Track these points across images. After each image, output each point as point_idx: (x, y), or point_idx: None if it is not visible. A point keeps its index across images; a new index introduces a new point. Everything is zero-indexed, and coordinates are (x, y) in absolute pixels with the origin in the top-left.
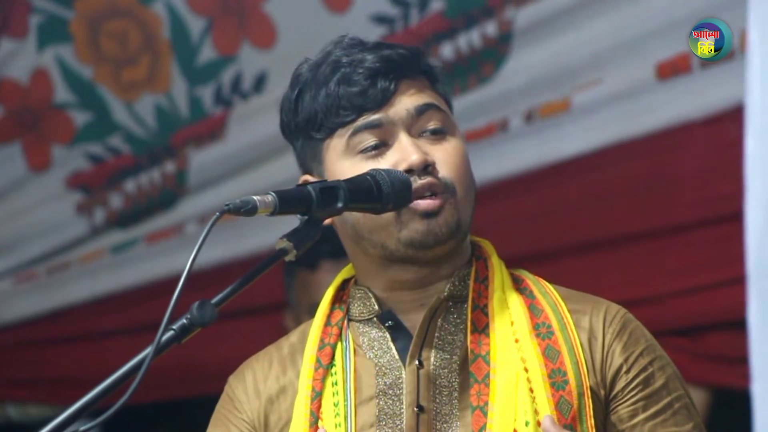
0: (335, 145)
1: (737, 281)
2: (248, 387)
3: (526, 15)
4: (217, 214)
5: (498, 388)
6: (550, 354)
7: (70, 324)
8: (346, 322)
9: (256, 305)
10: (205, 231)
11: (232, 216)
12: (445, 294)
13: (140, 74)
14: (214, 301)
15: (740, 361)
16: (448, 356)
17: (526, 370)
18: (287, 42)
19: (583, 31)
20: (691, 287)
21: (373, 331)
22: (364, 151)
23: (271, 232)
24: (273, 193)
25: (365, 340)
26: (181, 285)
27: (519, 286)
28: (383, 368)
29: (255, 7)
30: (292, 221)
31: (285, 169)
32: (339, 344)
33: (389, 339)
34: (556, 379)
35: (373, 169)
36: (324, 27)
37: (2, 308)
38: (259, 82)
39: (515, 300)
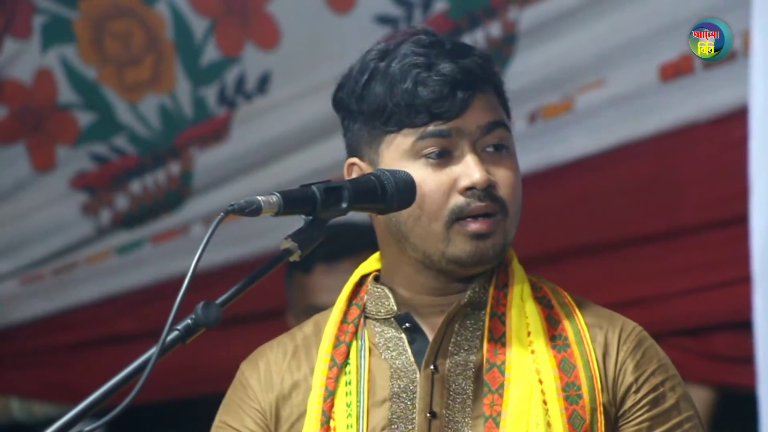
0: (399, 143)
1: (743, 281)
2: (261, 376)
3: (529, 16)
4: (222, 214)
5: (512, 399)
6: (565, 367)
7: (77, 325)
8: (362, 319)
9: (263, 309)
10: (210, 231)
11: (237, 216)
12: (465, 300)
13: (144, 75)
14: (218, 301)
15: (745, 360)
16: (464, 363)
17: (541, 382)
18: (291, 42)
19: (586, 33)
20: (697, 287)
21: (390, 332)
22: (427, 156)
23: (278, 233)
24: (277, 194)
25: (381, 339)
26: (186, 285)
27: (537, 294)
28: (398, 371)
29: (258, 7)
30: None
31: (290, 170)
32: (354, 342)
33: (406, 341)
34: (570, 393)
35: (378, 170)
36: (327, 27)
37: (9, 309)
38: (263, 83)
39: (533, 310)
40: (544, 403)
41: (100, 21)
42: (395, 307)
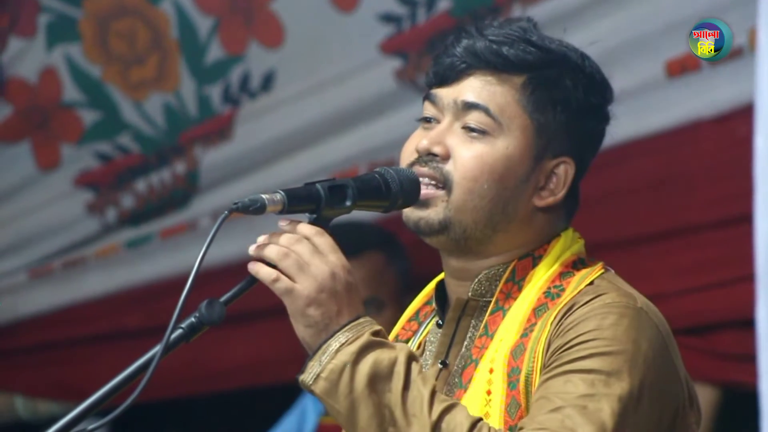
0: None
1: (747, 279)
2: None
3: (534, 14)
4: (226, 212)
5: (465, 395)
6: (516, 352)
7: (83, 320)
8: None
9: (266, 308)
10: (214, 229)
11: (241, 215)
12: (470, 294)
13: (148, 73)
14: (222, 299)
15: (749, 358)
16: (466, 357)
17: (491, 371)
18: (294, 41)
19: (592, 30)
20: (701, 285)
21: (436, 327)
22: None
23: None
24: (281, 192)
25: (432, 333)
26: (190, 283)
27: (559, 282)
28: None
29: (262, 6)
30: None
31: (295, 168)
32: (410, 341)
33: (440, 334)
34: (512, 379)
35: (383, 167)
36: (331, 26)
37: (16, 303)
38: (267, 81)
39: (531, 300)
40: (488, 393)
41: (105, 20)
42: (434, 303)
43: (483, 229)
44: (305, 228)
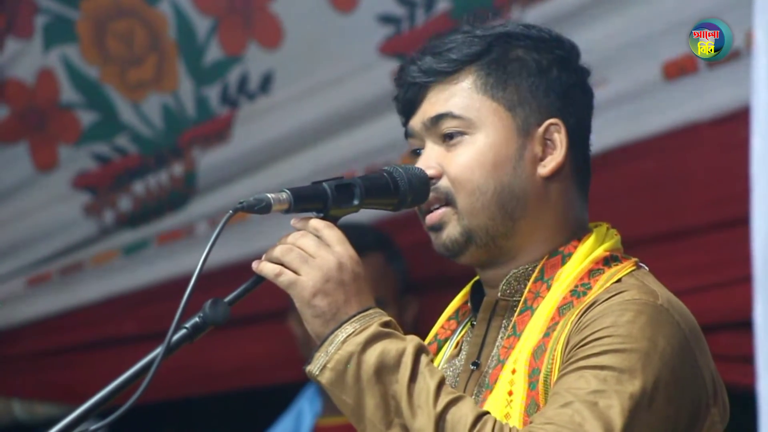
0: None
1: (744, 281)
2: None
3: (532, 16)
4: (231, 211)
5: (490, 395)
6: (537, 352)
7: (79, 326)
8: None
9: (265, 310)
10: (218, 229)
11: (246, 214)
12: (499, 294)
13: (146, 74)
14: (227, 299)
15: (747, 360)
16: (496, 358)
17: (513, 372)
18: (294, 42)
19: (590, 32)
20: (699, 287)
21: (471, 327)
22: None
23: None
24: (287, 191)
25: (469, 333)
26: (193, 283)
27: (587, 280)
28: (454, 365)
29: (261, 6)
30: None
31: (294, 169)
32: (449, 340)
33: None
34: (532, 379)
35: (391, 166)
36: (330, 27)
37: (13, 309)
38: (266, 82)
39: (557, 298)
40: (510, 393)
41: (102, 20)
42: (469, 303)
43: (502, 221)
44: (315, 222)
